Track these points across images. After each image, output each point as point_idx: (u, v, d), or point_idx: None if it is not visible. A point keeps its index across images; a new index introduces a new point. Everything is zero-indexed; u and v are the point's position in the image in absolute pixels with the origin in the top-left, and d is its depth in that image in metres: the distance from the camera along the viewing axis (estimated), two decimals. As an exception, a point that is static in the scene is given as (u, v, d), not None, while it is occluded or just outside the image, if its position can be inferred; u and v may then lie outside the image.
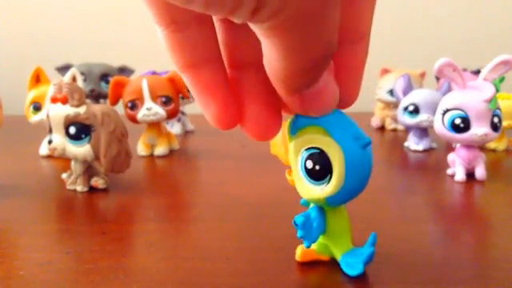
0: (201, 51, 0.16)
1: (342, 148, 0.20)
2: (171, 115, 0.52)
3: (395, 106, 0.65)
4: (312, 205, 0.23)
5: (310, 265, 0.25)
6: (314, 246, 0.25)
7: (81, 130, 0.36)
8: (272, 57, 0.14)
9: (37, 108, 0.50)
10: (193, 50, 0.16)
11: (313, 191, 0.21)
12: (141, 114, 0.50)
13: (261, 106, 0.18)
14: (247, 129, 0.18)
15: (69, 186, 0.39)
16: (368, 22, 0.17)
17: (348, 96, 0.19)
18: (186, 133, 0.69)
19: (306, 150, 0.21)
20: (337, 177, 0.20)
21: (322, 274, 0.24)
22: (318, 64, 0.14)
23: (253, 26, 0.13)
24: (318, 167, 0.20)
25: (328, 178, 0.20)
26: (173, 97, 0.51)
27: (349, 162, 0.20)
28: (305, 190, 0.22)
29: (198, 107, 0.18)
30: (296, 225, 0.22)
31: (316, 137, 0.20)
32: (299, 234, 0.22)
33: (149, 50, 0.94)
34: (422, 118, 0.53)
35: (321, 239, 0.24)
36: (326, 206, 0.23)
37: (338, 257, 0.24)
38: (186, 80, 0.17)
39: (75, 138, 0.36)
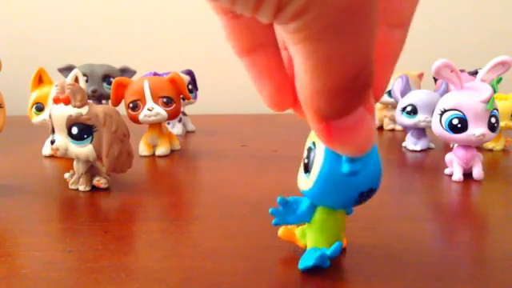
0: (257, 36, 0.17)
1: (324, 154, 0.21)
2: (172, 116, 0.52)
3: (393, 106, 0.65)
4: None
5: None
6: (297, 230, 0.26)
7: (83, 131, 0.37)
8: (300, 71, 0.13)
9: (39, 109, 0.51)
10: (249, 35, 0.16)
11: (300, 180, 0.23)
12: (142, 114, 0.51)
13: None
14: (298, 111, 0.18)
15: (71, 186, 0.39)
16: (409, 7, 0.16)
17: (375, 86, 0.17)
18: (187, 133, 0.69)
19: (312, 143, 0.22)
20: (310, 176, 0.22)
21: (323, 274, 0.24)
22: (349, 87, 0.13)
23: (281, 31, 0.12)
24: (306, 160, 0.22)
25: (309, 173, 0.22)
26: (174, 97, 0.52)
27: (325, 171, 0.21)
28: (299, 177, 0.23)
29: (198, 109, 0.18)
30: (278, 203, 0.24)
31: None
32: (270, 210, 0.24)
33: (150, 52, 0.95)
34: (420, 118, 0.54)
35: (305, 227, 0.25)
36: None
37: (308, 248, 0.25)
38: (244, 64, 0.17)
39: (77, 138, 0.37)
